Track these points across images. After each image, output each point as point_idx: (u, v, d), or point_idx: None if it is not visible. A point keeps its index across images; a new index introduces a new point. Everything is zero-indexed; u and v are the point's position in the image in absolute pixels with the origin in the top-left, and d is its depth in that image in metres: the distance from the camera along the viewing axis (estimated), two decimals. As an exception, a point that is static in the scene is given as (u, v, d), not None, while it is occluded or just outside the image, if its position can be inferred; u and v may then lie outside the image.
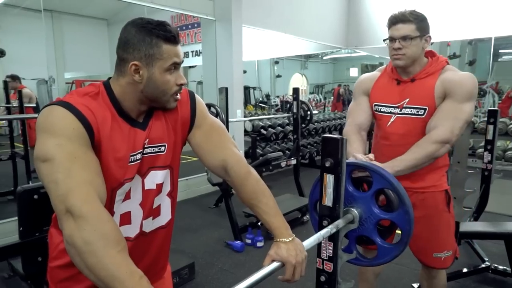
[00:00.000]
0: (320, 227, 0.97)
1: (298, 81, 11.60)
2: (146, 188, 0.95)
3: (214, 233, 3.41)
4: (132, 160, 0.89)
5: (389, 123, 1.56)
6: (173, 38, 0.87)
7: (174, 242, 1.29)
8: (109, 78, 0.92)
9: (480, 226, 2.58)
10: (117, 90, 0.89)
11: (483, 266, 2.54)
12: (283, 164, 3.82)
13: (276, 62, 11.46)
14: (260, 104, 11.21)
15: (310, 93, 12.01)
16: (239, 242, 3.06)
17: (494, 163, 2.74)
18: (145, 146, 0.92)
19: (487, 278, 2.51)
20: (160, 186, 0.98)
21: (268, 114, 8.68)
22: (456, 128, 1.41)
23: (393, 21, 1.47)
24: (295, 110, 3.94)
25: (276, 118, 5.99)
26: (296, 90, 3.92)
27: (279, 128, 5.75)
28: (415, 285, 2.40)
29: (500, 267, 2.50)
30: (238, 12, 4.68)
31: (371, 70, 1.72)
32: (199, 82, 9.11)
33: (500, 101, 7.49)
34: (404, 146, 1.45)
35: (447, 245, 1.61)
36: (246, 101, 10.56)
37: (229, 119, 3.45)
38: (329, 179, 0.94)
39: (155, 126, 0.94)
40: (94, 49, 7.63)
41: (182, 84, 0.92)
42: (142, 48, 0.85)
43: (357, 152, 1.39)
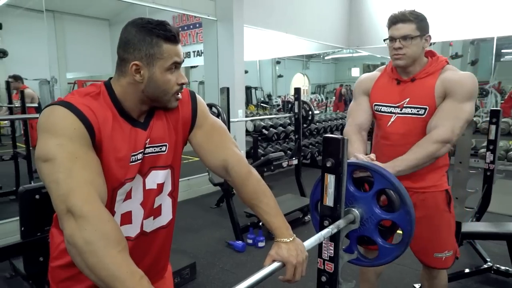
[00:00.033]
0: (321, 227, 0.97)
1: (300, 81, 11.57)
2: (147, 188, 0.95)
3: (216, 233, 3.41)
4: (133, 160, 0.89)
5: (390, 123, 1.56)
6: (173, 38, 0.87)
7: (176, 242, 1.30)
8: (110, 78, 0.92)
9: (482, 227, 2.57)
10: (118, 90, 0.89)
11: (485, 267, 2.53)
12: (285, 164, 3.82)
13: (278, 62, 11.44)
14: (262, 104, 11.20)
15: (312, 93, 11.98)
16: (241, 242, 3.06)
17: (497, 163, 2.73)
18: (146, 146, 0.92)
19: (489, 279, 2.51)
20: (161, 186, 0.98)
21: (270, 114, 8.67)
22: (457, 128, 1.41)
23: (393, 21, 1.46)
24: (297, 110, 3.94)
25: (278, 118, 5.98)
26: (298, 90, 3.92)
27: (281, 128, 5.74)
28: (417, 286, 2.39)
29: (502, 268, 2.50)
30: (240, 12, 4.68)
31: (373, 70, 1.72)
32: (201, 82, 9.11)
33: (503, 101, 7.45)
34: (405, 146, 1.45)
35: (448, 245, 1.60)
36: (248, 101, 10.55)
37: (231, 119, 3.44)
38: (330, 179, 0.94)
39: (156, 126, 0.94)
40: (96, 49, 7.65)
41: (183, 84, 0.92)
42: (143, 48, 0.85)
43: (358, 152, 1.39)
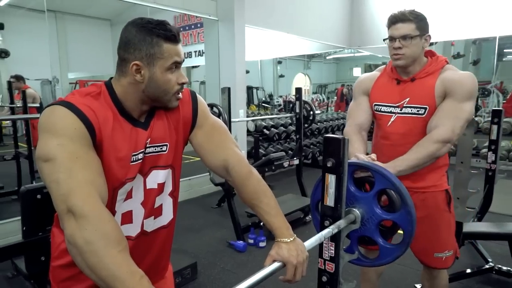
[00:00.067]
0: (322, 227, 0.97)
1: (301, 81, 11.57)
2: (148, 188, 0.95)
3: (217, 233, 3.41)
4: (134, 160, 0.89)
5: (390, 123, 1.56)
6: (174, 37, 0.87)
7: (177, 242, 1.30)
8: (111, 78, 0.92)
9: (484, 227, 2.57)
10: (119, 90, 0.89)
11: (487, 267, 2.52)
12: (286, 164, 3.81)
13: (279, 62, 11.44)
14: (263, 104, 11.20)
15: (313, 93, 11.97)
16: (242, 242, 3.06)
17: (498, 163, 2.73)
18: (147, 146, 0.92)
19: (491, 279, 2.50)
20: (162, 186, 0.98)
21: (271, 114, 8.67)
22: (457, 128, 1.41)
23: (393, 21, 1.46)
24: (298, 110, 3.94)
25: (279, 118, 5.97)
26: (299, 90, 3.92)
27: (282, 128, 5.74)
28: (418, 286, 2.39)
29: (504, 268, 2.49)
30: (241, 12, 4.68)
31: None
32: (202, 82, 9.12)
33: (505, 101, 7.43)
34: (405, 146, 1.45)
35: (448, 245, 1.60)
36: (249, 101, 10.56)
37: (232, 119, 3.44)
38: (331, 179, 0.94)
39: (157, 126, 0.94)
40: (98, 50, 7.67)
41: (184, 83, 0.92)
42: (143, 48, 0.85)
43: (359, 152, 1.38)
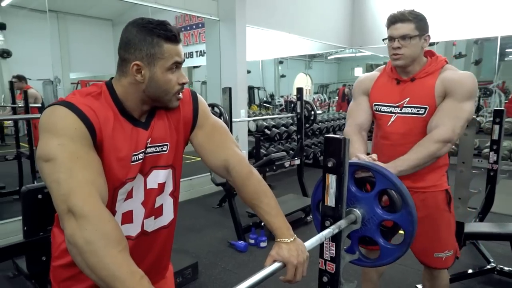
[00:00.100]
0: (323, 228, 0.97)
1: (303, 81, 11.57)
2: (148, 188, 0.95)
3: (218, 233, 3.41)
4: (134, 160, 0.89)
5: (390, 123, 1.56)
6: (174, 37, 0.87)
7: (178, 242, 1.30)
8: (112, 78, 0.92)
9: (486, 227, 2.56)
10: (120, 90, 0.89)
11: (489, 267, 2.51)
12: (287, 164, 3.81)
13: (281, 62, 11.44)
14: (265, 104, 11.20)
15: (315, 93, 11.96)
16: (243, 242, 3.06)
17: (500, 163, 2.72)
18: (148, 146, 0.92)
19: (493, 280, 2.49)
20: (162, 186, 0.98)
21: (273, 114, 8.66)
22: (457, 127, 1.41)
23: (392, 21, 1.46)
24: (299, 110, 3.94)
25: (280, 118, 5.97)
26: (300, 90, 3.92)
27: (283, 128, 5.74)
28: (419, 286, 2.38)
29: (506, 269, 2.48)
30: (242, 12, 4.68)
31: (376, 70, 1.72)
32: (203, 82, 9.12)
33: (507, 101, 7.41)
34: (405, 146, 1.45)
35: (448, 245, 1.60)
36: (251, 101, 10.55)
37: (233, 119, 3.43)
38: (332, 179, 0.94)
39: (158, 126, 0.94)
40: (99, 50, 7.68)
41: (184, 83, 0.92)
42: (144, 48, 0.85)
43: (359, 152, 1.38)
